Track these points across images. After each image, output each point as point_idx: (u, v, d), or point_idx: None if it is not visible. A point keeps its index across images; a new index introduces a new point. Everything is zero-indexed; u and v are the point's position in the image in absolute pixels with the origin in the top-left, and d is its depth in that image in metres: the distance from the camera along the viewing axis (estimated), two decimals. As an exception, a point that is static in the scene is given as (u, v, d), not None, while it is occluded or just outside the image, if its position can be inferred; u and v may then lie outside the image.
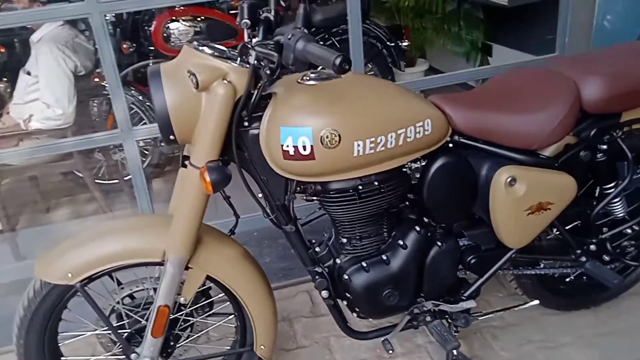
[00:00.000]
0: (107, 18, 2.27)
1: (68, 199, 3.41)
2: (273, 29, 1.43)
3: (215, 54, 1.35)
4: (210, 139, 1.32)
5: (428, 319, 1.64)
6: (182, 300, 1.52)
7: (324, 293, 1.58)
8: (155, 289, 1.56)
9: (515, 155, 1.56)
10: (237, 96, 1.32)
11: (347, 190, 1.46)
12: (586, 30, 2.50)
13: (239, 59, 1.34)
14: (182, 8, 3.34)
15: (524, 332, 1.95)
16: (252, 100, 1.34)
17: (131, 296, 1.60)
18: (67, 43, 2.82)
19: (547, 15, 3.02)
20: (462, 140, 1.54)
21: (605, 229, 1.74)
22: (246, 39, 1.44)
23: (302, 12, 1.32)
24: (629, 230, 1.76)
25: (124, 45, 3.26)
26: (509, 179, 1.51)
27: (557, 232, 1.74)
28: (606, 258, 1.78)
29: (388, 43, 3.57)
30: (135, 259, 1.45)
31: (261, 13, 1.45)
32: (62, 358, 1.62)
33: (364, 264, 1.54)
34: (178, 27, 3.33)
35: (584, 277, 1.97)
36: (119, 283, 1.58)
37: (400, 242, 1.55)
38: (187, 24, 3.35)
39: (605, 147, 1.60)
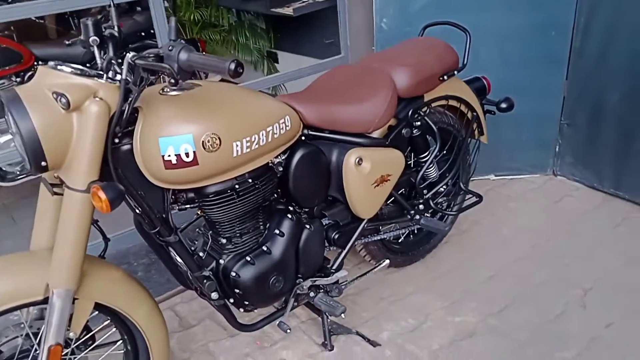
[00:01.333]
0: None
1: None
2: (120, 45, 1.44)
3: (77, 72, 1.31)
4: (88, 160, 1.28)
5: (311, 294, 1.81)
6: (71, 335, 1.42)
7: (214, 295, 1.62)
8: (28, 335, 1.44)
9: (357, 139, 1.82)
10: (111, 113, 1.30)
11: (226, 191, 1.54)
12: (368, 32, 2.94)
13: (105, 75, 1.32)
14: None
15: (376, 292, 2.26)
16: (125, 115, 1.33)
17: (-2, 351, 1.43)
18: None
19: (329, 22, 3.42)
20: (312, 132, 1.75)
21: (425, 191, 2.13)
22: (97, 56, 1.43)
23: (174, 25, 1.35)
24: (441, 189, 2.18)
25: None
26: (357, 160, 1.76)
27: (392, 200, 2.07)
28: (428, 215, 2.18)
29: (187, 56, 3.60)
30: (11, 302, 1.31)
31: (104, 29, 1.44)
32: None
33: (248, 258, 1.63)
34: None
35: (411, 236, 2.37)
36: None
37: (277, 231, 1.69)
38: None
39: (418, 123, 1.97)
